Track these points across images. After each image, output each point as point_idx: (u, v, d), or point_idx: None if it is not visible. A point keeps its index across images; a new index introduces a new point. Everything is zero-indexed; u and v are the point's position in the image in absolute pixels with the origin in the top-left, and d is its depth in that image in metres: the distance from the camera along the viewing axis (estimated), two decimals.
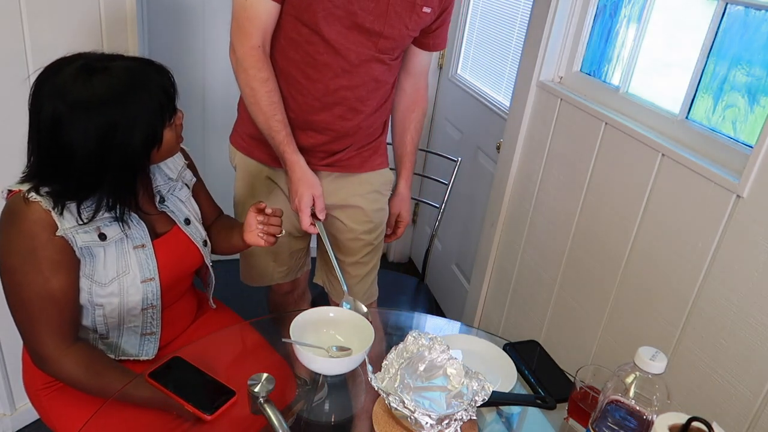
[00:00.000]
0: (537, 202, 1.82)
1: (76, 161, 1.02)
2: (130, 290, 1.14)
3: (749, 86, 1.22)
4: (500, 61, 2.26)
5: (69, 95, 0.99)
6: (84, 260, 1.09)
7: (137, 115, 1.03)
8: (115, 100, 1.01)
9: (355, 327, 1.19)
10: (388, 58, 1.41)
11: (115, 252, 1.12)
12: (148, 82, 1.05)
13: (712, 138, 1.27)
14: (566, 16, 1.69)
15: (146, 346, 1.24)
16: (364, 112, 1.45)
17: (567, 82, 1.75)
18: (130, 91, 1.02)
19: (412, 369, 1.01)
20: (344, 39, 1.32)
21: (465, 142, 2.48)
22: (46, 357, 1.09)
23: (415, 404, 0.93)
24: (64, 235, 1.05)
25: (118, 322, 1.18)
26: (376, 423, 1.00)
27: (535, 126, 1.82)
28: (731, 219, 1.17)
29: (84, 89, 1.00)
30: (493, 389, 0.98)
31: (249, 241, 1.29)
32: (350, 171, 1.55)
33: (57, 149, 1.02)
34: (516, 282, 1.95)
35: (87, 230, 1.08)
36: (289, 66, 1.37)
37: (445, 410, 0.94)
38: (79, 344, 1.12)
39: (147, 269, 1.16)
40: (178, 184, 1.29)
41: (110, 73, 1.02)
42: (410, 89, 1.57)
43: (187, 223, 1.27)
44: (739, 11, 1.23)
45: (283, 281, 1.71)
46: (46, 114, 1.00)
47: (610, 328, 1.51)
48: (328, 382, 1.16)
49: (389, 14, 1.32)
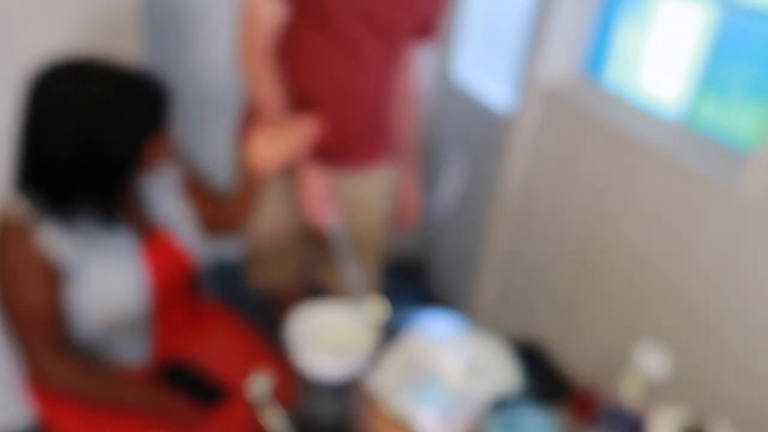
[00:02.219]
0: (537, 202, 1.82)
1: (52, 160, 1.00)
2: (117, 301, 1.12)
3: (749, 86, 1.22)
4: (500, 61, 2.26)
5: (58, 94, 0.98)
6: (69, 272, 1.07)
7: (122, 123, 1.00)
8: (101, 104, 0.99)
9: (355, 327, 1.19)
10: (397, 53, 1.44)
11: (101, 263, 1.10)
12: (141, 94, 1.03)
13: (712, 138, 1.27)
14: (566, 16, 1.69)
15: (139, 352, 1.22)
16: (377, 107, 1.48)
17: (567, 83, 1.75)
18: (117, 101, 1.00)
19: (412, 369, 1.01)
20: (357, 35, 1.34)
21: (465, 143, 2.48)
22: (44, 371, 1.08)
23: (415, 404, 0.93)
24: (48, 248, 1.02)
25: (106, 331, 1.15)
26: (376, 423, 1.00)
27: (535, 126, 1.82)
28: (731, 219, 1.17)
29: (71, 89, 0.98)
30: (494, 389, 0.98)
31: (253, 157, 1.25)
32: (359, 170, 1.56)
33: (35, 148, 1.01)
34: (516, 282, 1.95)
35: (70, 242, 1.05)
36: (300, 66, 1.37)
37: (445, 410, 0.94)
38: (73, 353, 1.11)
39: (134, 280, 1.14)
40: (162, 185, 1.25)
41: (100, 77, 1.00)
42: (401, 82, 1.59)
43: (174, 225, 1.24)
44: (739, 11, 1.23)
45: (288, 283, 1.72)
46: (32, 108, 0.99)
47: (611, 328, 1.50)
48: (328, 382, 1.16)
49: (401, 7, 1.35)
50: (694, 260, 1.24)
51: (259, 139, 1.26)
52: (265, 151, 1.26)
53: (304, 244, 1.67)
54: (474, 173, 2.37)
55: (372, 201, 1.60)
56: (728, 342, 1.17)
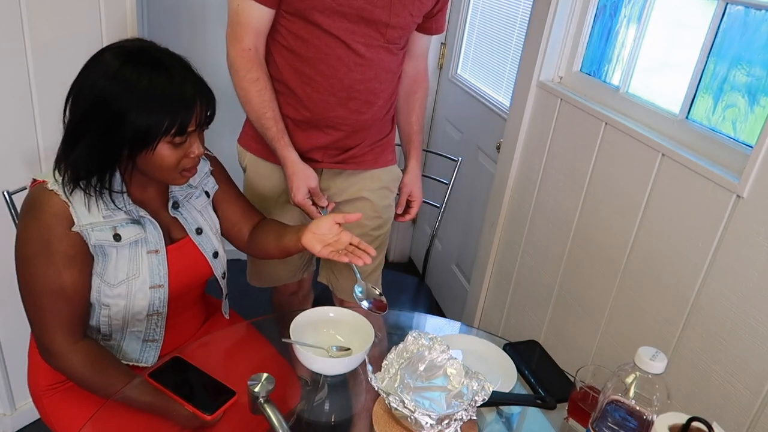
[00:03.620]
0: (537, 202, 1.82)
1: (72, 108, 1.03)
2: (138, 294, 1.14)
3: (749, 86, 1.22)
4: (500, 61, 2.26)
5: (111, 66, 1.01)
6: (97, 258, 1.09)
7: (140, 108, 1.01)
8: (132, 85, 1.00)
9: (355, 327, 1.19)
10: (395, 48, 1.43)
11: (128, 254, 1.12)
12: (175, 96, 1.03)
13: (712, 138, 1.27)
14: (566, 16, 1.69)
15: (147, 353, 1.23)
16: (377, 104, 1.47)
17: (567, 82, 1.75)
18: (150, 92, 1.01)
19: (412, 369, 1.01)
20: (352, 33, 1.34)
21: (465, 142, 2.48)
22: (54, 350, 1.09)
23: (415, 404, 0.93)
24: (80, 231, 1.05)
25: (122, 325, 1.17)
26: (376, 423, 1.00)
27: (535, 126, 1.82)
28: (731, 219, 1.17)
29: (116, 61, 1.01)
30: (493, 389, 0.98)
31: (306, 243, 1.22)
32: (362, 168, 1.56)
33: (69, 123, 1.04)
34: (516, 282, 1.95)
35: (102, 228, 1.08)
36: (302, 65, 1.38)
37: (445, 410, 0.94)
38: (87, 341, 1.12)
39: (158, 275, 1.16)
40: (197, 191, 1.27)
41: (155, 67, 1.03)
42: (411, 71, 1.59)
43: (198, 232, 1.25)
44: (739, 11, 1.23)
45: (290, 281, 1.73)
46: (80, 75, 1.04)
47: (610, 328, 1.51)
48: (328, 382, 1.16)
49: (394, 4, 1.34)
50: (694, 258, 1.25)
51: (323, 223, 1.23)
52: (321, 233, 1.23)
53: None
54: (474, 173, 2.37)
55: (378, 198, 1.60)
56: (727, 341, 1.17)
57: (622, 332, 1.47)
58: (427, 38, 1.56)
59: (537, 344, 1.29)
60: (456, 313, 2.53)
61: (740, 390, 1.15)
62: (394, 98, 1.55)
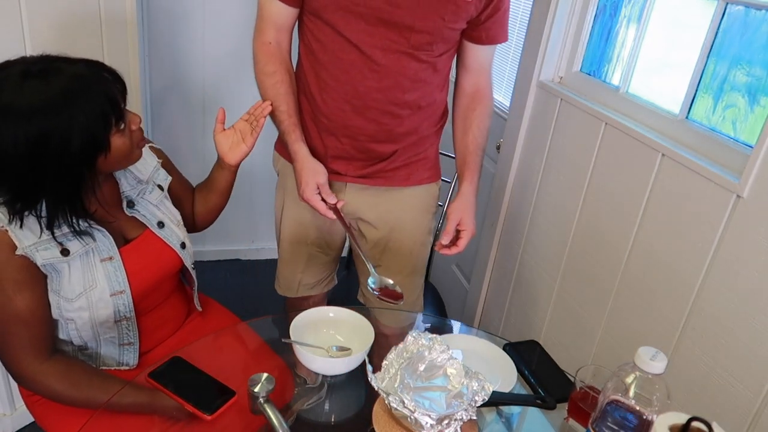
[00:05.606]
0: (537, 202, 1.82)
1: (9, 168, 0.97)
2: (99, 304, 1.11)
3: (749, 86, 1.22)
4: (500, 61, 2.26)
5: (2, 104, 0.94)
6: (50, 275, 1.06)
7: (72, 124, 0.97)
8: (46, 108, 0.95)
9: (355, 327, 1.19)
10: (425, 55, 1.29)
11: (81, 266, 1.09)
12: (87, 89, 0.99)
13: (712, 138, 1.27)
14: (566, 16, 1.69)
15: (126, 356, 1.22)
16: (402, 116, 1.35)
17: (567, 82, 1.75)
18: (64, 99, 0.96)
19: (412, 369, 1.01)
20: (368, 36, 1.25)
21: None
22: (23, 375, 1.08)
23: (415, 404, 0.93)
24: (24, 254, 1.01)
25: (93, 335, 1.15)
26: (376, 423, 1.00)
27: (535, 126, 1.82)
28: (731, 219, 1.17)
29: (14, 95, 0.94)
30: (493, 389, 0.98)
31: (225, 155, 1.36)
32: (392, 184, 1.45)
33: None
34: (516, 282, 1.95)
35: (47, 246, 1.04)
36: (320, 69, 1.33)
37: (445, 410, 0.94)
38: (57, 358, 1.10)
39: (116, 282, 1.13)
40: (149, 186, 1.24)
41: (46, 79, 0.96)
42: (469, 87, 1.46)
43: (161, 226, 1.23)
44: (739, 11, 1.23)
45: (309, 294, 1.67)
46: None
47: (610, 328, 1.51)
48: (328, 382, 1.16)
49: (420, 5, 1.22)
50: (695, 258, 1.24)
51: (222, 136, 1.36)
52: (230, 145, 1.35)
53: (328, 256, 1.63)
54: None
55: (407, 219, 1.50)
56: (727, 341, 1.17)
57: (622, 332, 1.46)
58: (483, 49, 1.40)
59: (537, 344, 1.29)
60: (456, 313, 2.53)
61: (740, 390, 1.15)
62: (434, 110, 1.43)
